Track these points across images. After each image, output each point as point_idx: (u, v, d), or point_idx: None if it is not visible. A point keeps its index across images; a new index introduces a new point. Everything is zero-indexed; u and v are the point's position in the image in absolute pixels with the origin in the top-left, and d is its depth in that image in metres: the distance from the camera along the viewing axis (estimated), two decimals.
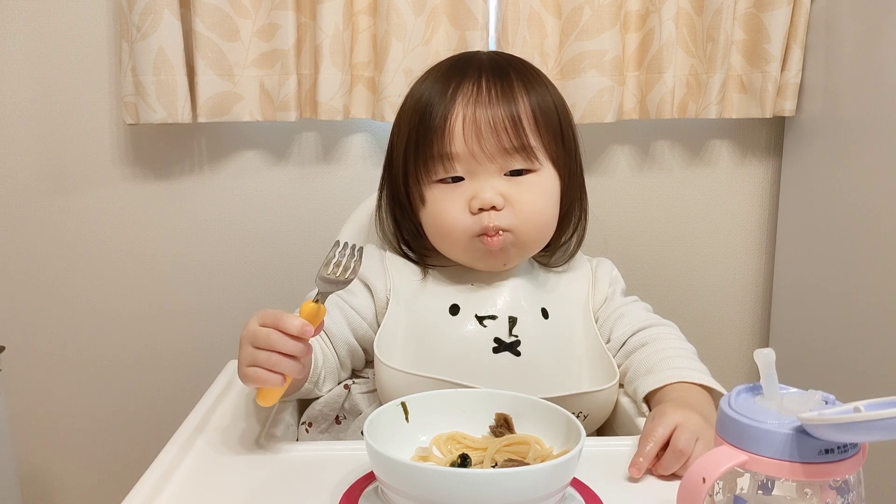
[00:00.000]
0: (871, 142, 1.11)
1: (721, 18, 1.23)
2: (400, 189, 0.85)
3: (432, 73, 0.85)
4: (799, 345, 1.30)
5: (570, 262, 0.91)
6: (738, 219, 1.41)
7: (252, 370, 0.64)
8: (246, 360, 0.64)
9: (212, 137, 1.32)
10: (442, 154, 0.79)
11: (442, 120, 0.79)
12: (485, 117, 0.78)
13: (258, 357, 0.63)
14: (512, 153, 0.79)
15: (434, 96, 0.81)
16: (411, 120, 0.82)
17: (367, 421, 0.59)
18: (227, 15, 1.20)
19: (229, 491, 0.63)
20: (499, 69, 0.82)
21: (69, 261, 1.34)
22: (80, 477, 1.43)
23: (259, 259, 1.36)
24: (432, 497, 0.52)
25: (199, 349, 1.38)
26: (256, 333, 0.64)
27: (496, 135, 0.78)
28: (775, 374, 0.49)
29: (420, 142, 0.80)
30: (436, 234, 0.84)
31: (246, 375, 0.64)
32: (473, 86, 0.80)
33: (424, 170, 0.81)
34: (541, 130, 0.81)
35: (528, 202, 0.80)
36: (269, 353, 0.63)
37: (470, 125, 0.78)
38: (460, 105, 0.79)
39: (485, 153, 0.78)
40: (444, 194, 0.81)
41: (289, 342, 0.63)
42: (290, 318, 0.63)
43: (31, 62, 1.27)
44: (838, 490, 0.47)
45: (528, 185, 0.80)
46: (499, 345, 0.80)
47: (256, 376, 0.64)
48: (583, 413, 0.77)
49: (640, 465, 0.63)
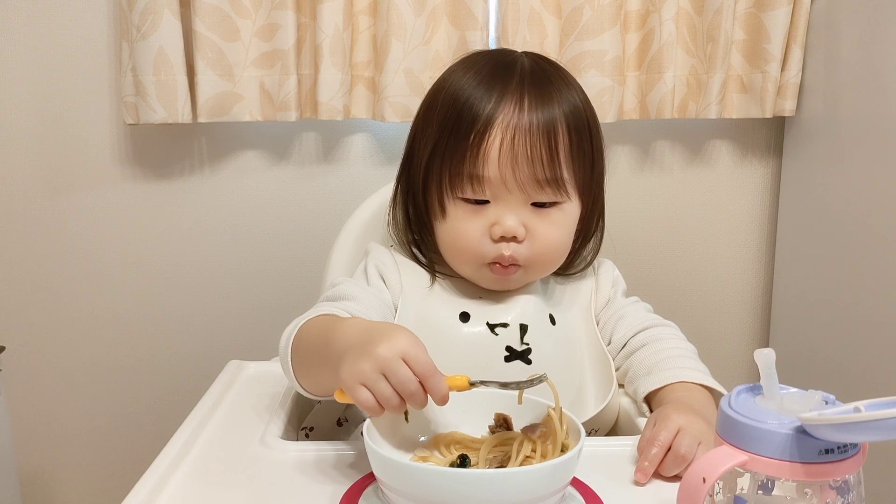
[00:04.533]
0: (871, 142, 1.11)
1: (721, 18, 1.23)
2: (419, 190, 0.83)
3: (472, 71, 0.80)
4: (799, 345, 1.30)
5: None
6: (738, 219, 1.41)
7: (364, 394, 0.58)
8: (362, 378, 0.58)
9: (212, 137, 1.32)
10: (473, 175, 0.77)
11: (478, 138, 0.76)
12: (523, 147, 0.76)
13: (379, 387, 0.58)
14: (543, 185, 0.77)
15: (473, 104, 0.77)
16: (444, 123, 0.79)
17: (367, 421, 0.59)
18: (227, 15, 1.20)
19: (229, 491, 0.63)
20: (540, 84, 0.79)
21: (69, 261, 1.34)
22: (79, 477, 1.43)
23: (259, 259, 1.36)
24: (432, 497, 0.52)
25: (199, 349, 1.38)
26: (397, 371, 0.57)
27: (531, 165, 0.76)
28: (775, 374, 0.49)
29: (452, 153, 0.78)
30: (449, 250, 0.83)
31: (353, 390, 0.59)
32: (515, 104, 0.77)
33: (450, 184, 0.79)
34: (574, 162, 0.79)
35: (547, 235, 0.79)
36: (392, 393, 0.58)
37: (507, 152, 0.76)
38: (499, 127, 0.76)
39: (517, 182, 0.77)
40: (466, 214, 0.79)
41: (420, 398, 0.58)
42: (440, 383, 0.58)
43: (31, 62, 1.26)
44: (838, 490, 0.47)
45: (551, 218, 0.79)
46: (510, 353, 0.79)
47: (366, 402, 0.58)
48: (595, 430, 0.77)
49: (645, 469, 0.63)
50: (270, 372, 0.91)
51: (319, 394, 0.72)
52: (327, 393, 0.68)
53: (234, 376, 0.89)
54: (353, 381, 0.58)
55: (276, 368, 0.91)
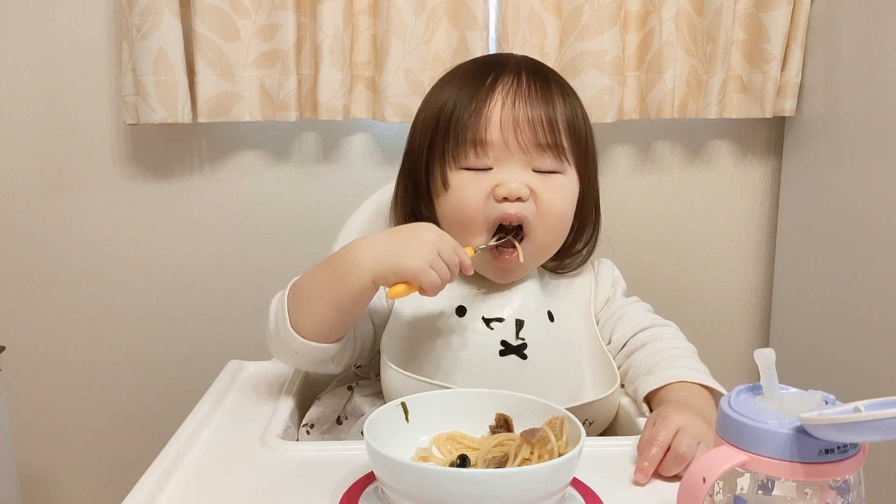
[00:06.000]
0: (871, 142, 1.11)
1: (721, 18, 1.23)
2: (421, 176, 0.84)
3: (464, 68, 0.85)
4: (799, 345, 1.30)
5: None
6: (738, 219, 1.41)
7: (433, 275, 0.71)
8: (431, 261, 0.71)
9: (212, 137, 1.32)
10: (475, 140, 0.79)
11: (478, 107, 0.79)
12: (524, 111, 0.79)
13: (441, 266, 0.71)
14: (545, 150, 0.79)
15: (472, 85, 0.81)
16: (444, 106, 0.81)
17: (366, 421, 0.59)
18: (227, 15, 1.20)
19: (229, 491, 0.63)
20: (537, 70, 0.83)
21: (69, 261, 1.34)
22: (80, 477, 1.43)
23: (259, 259, 1.36)
24: (432, 497, 0.52)
25: (199, 348, 1.38)
26: (446, 248, 0.72)
27: (532, 129, 0.78)
28: (775, 374, 0.49)
29: (453, 127, 0.80)
30: (454, 222, 0.82)
31: (426, 273, 0.70)
32: (513, 80, 0.80)
33: (453, 154, 0.80)
34: (571, 137, 0.82)
35: (551, 201, 0.80)
36: (445, 269, 0.71)
37: (508, 115, 0.78)
38: (500, 94, 0.79)
39: (519, 145, 0.78)
40: (469, 180, 0.80)
41: (466, 265, 0.74)
42: (464, 254, 0.73)
43: (31, 62, 1.27)
44: (838, 490, 0.47)
45: (554, 185, 0.80)
46: (505, 347, 0.79)
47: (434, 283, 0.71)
48: (588, 420, 0.77)
49: (645, 469, 0.63)
50: (270, 372, 0.91)
51: (319, 328, 0.73)
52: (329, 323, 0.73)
53: (234, 376, 0.89)
54: (425, 268, 0.70)
55: (276, 368, 0.92)
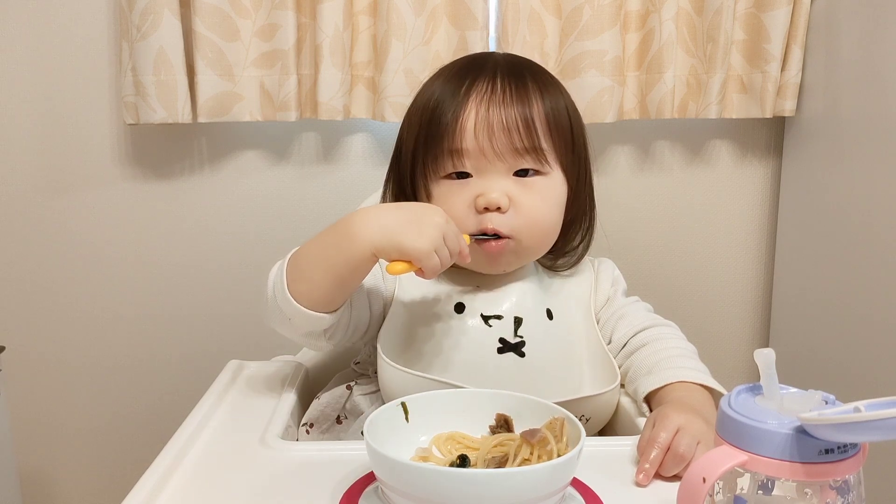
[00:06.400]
0: (871, 142, 1.11)
1: (721, 18, 1.23)
2: (406, 185, 0.85)
3: (445, 72, 0.85)
4: (799, 345, 1.30)
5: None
6: (738, 219, 1.41)
7: (435, 259, 0.71)
8: (435, 245, 0.71)
9: (212, 137, 1.32)
10: (452, 149, 0.79)
11: (454, 116, 0.79)
12: (498, 116, 0.78)
13: (444, 251, 0.72)
14: (522, 153, 0.79)
15: (447, 93, 0.80)
16: (422, 115, 0.82)
17: (366, 421, 0.59)
18: (227, 15, 1.20)
19: (229, 491, 0.63)
20: (514, 70, 0.82)
21: (69, 261, 1.34)
22: (80, 477, 1.43)
23: (259, 259, 1.36)
24: (432, 497, 0.52)
25: (199, 348, 1.38)
26: (450, 233, 0.72)
27: (508, 134, 0.78)
28: (775, 374, 0.49)
29: (431, 137, 0.80)
30: None
31: (430, 257, 0.71)
32: (488, 84, 0.80)
33: (433, 165, 0.81)
34: (553, 135, 0.81)
35: (532, 206, 0.79)
36: (447, 255, 0.72)
37: (482, 122, 0.78)
38: (474, 102, 0.79)
39: (495, 151, 0.78)
40: (450, 190, 0.80)
41: (464, 253, 0.75)
42: (465, 246, 0.75)
43: (31, 62, 1.26)
44: (838, 490, 0.47)
45: (535, 188, 0.80)
46: (504, 345, 0.80)
47: (435, 267, 0.72)
48: (585, 416, 0.77)
49: (647, 471, 0.63)
50: (270, 372, 0.91)
51: (315, 295, 0.73)
52: (326, 292, 0.73)
53: (234, 376, 0.89)
54: (429, 251, 0.70)
55: (276, 368, 0.92)
